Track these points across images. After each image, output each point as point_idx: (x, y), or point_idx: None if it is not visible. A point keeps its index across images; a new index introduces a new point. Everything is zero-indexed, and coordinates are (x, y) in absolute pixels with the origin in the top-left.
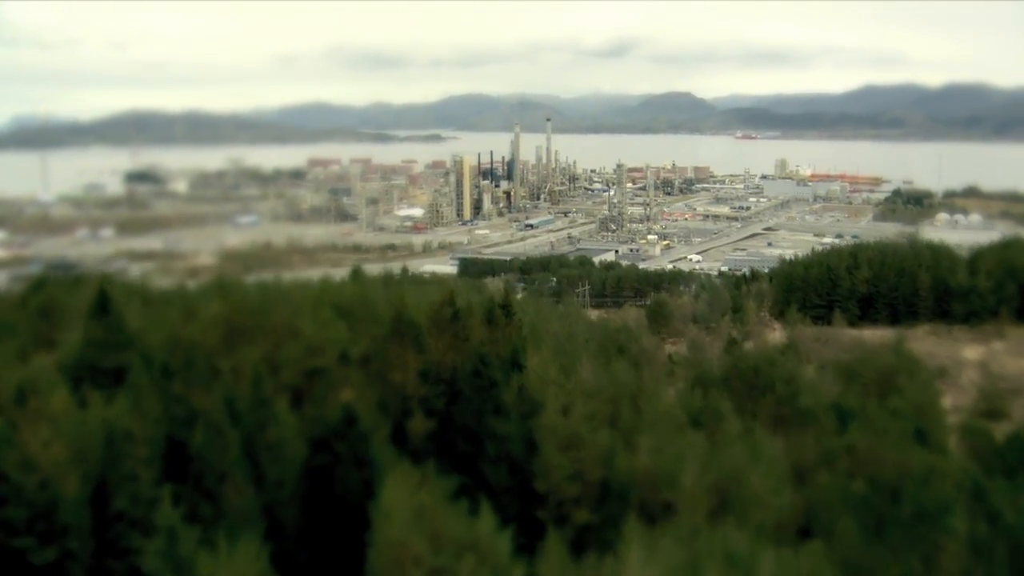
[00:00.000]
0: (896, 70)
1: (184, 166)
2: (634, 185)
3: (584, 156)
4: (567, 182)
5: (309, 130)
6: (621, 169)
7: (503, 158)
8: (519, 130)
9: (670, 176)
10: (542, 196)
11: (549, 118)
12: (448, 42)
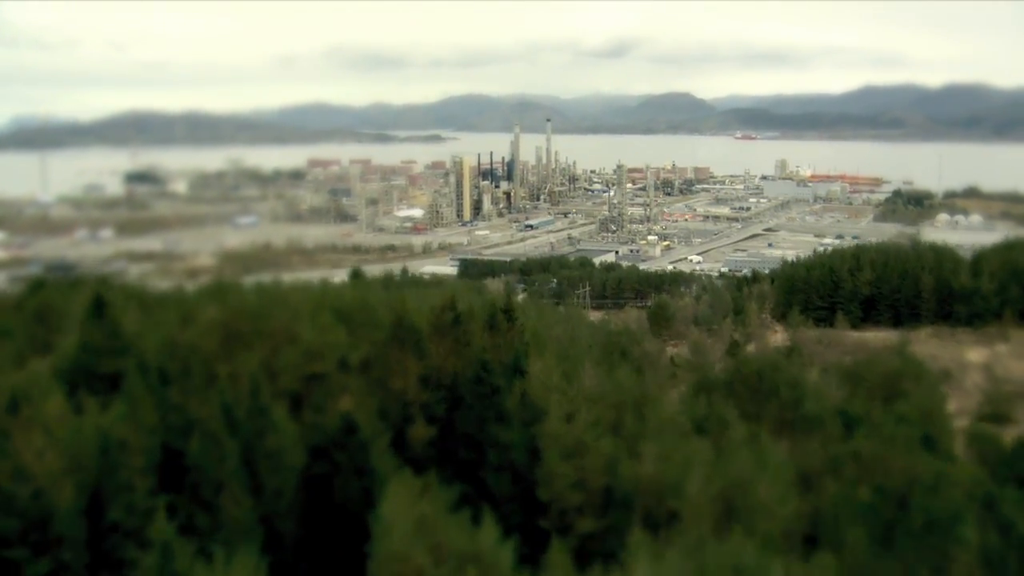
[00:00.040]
0: (896, 70)
1: (184, 167)
2: (634, 186)
3: (584, 157)
4: (567, 183)
5: (309, 130)
6: (621, 170)
7: (503, 159)
8: (519, 131)
9: (670, 177)
10: (542, 197)
11: (549, 119)
12: (448, 42)
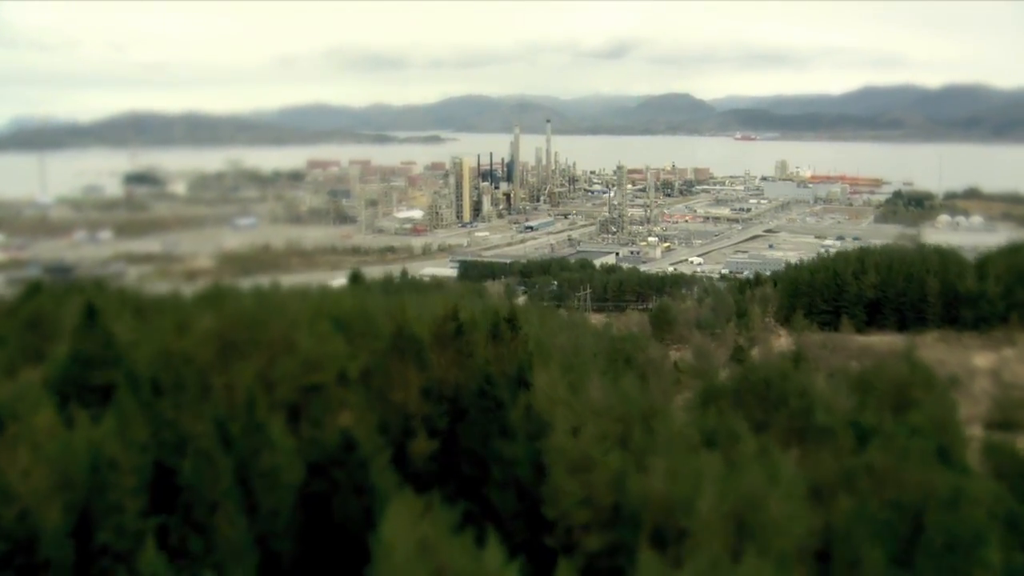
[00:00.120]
0: (895, 71)
1: (183, 167)
2: (634, 187)
3: (583, 157)
4: (567, 184)
5: (308, 131)
6: (621, 171)
7: (503, 159)
8: (519, 131)
9: (670, 178)
10: (542, 198)
11: (549, 119)
12: (447, 43)
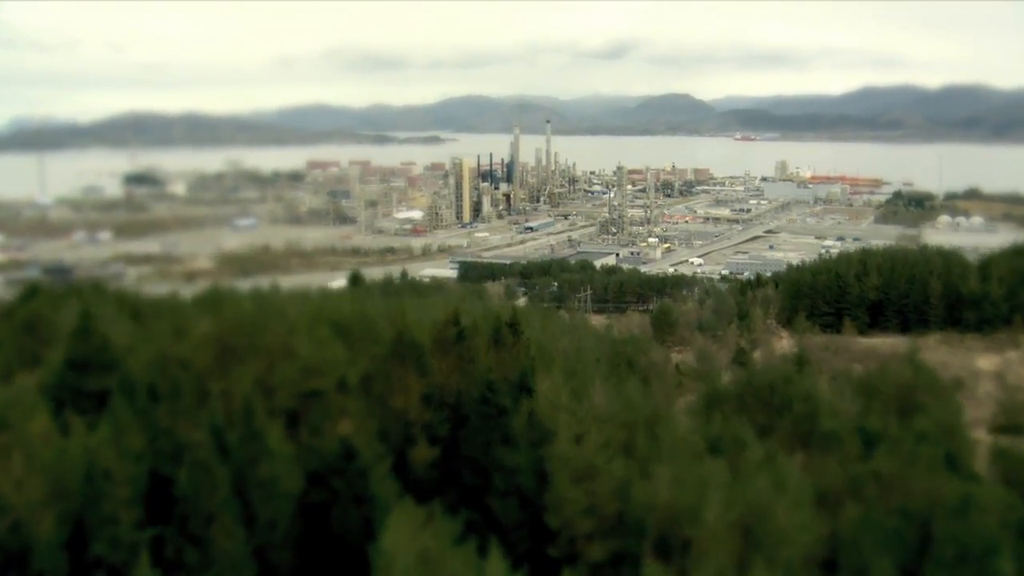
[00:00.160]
0: (895, 71)
1: (183, 168)
2: (634, 187)
3: (583, 158)
4: (567, 184)
5: (308, 132)
6: (621, 171)
7: (502, 160)
8: (519, 132)
9: (670, 178)
10: (542, 198)
11: (549, 120)
12: (447, 43)
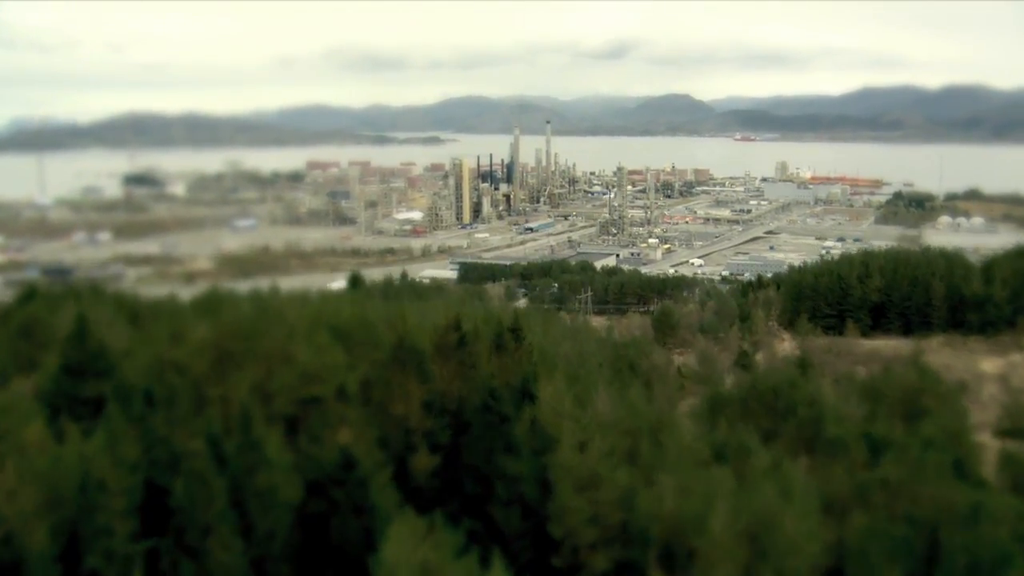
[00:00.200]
0: (895, 71)
1: (182, 169)
2: (634, 188)
3: (583, 158)
4: (567, 185)
5: (308, 132)
6: (621, 172)
7: (502, 160)
8: (518, 132)
9: (670, 179)
10: (542, 199)
11: (549, 120)
12: (447, 44)
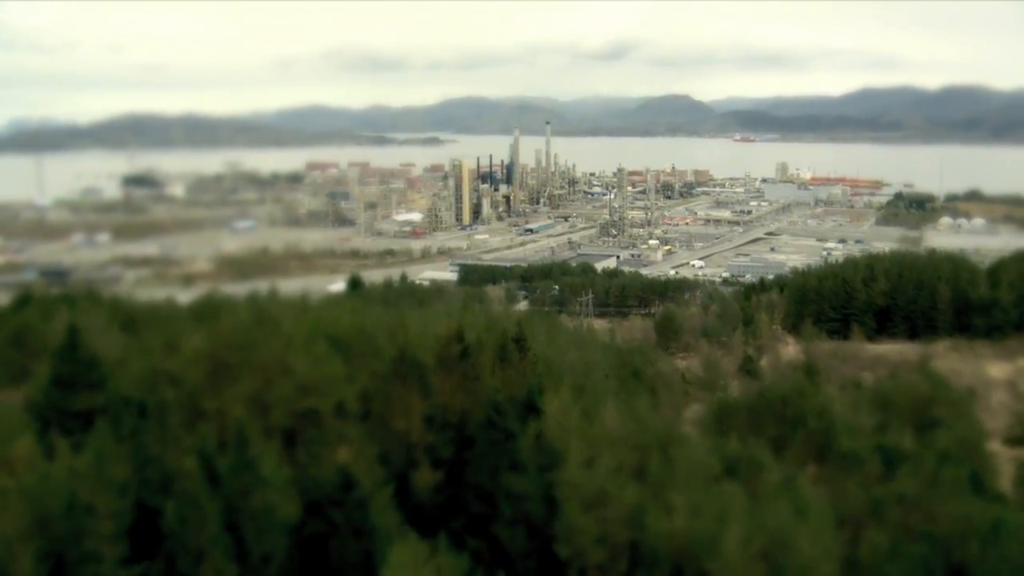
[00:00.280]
0: (894, 72)
1: (182, 170)
2: (634, 189)
3: (583, 159)
4: (567, 186)
5: (307, 133)
6: (622, 173)
7: (502, 161)
8: (518, 133)
9: (670, 179)
10: (542, 200)
11: (548, 121)
12: (447, 45)
